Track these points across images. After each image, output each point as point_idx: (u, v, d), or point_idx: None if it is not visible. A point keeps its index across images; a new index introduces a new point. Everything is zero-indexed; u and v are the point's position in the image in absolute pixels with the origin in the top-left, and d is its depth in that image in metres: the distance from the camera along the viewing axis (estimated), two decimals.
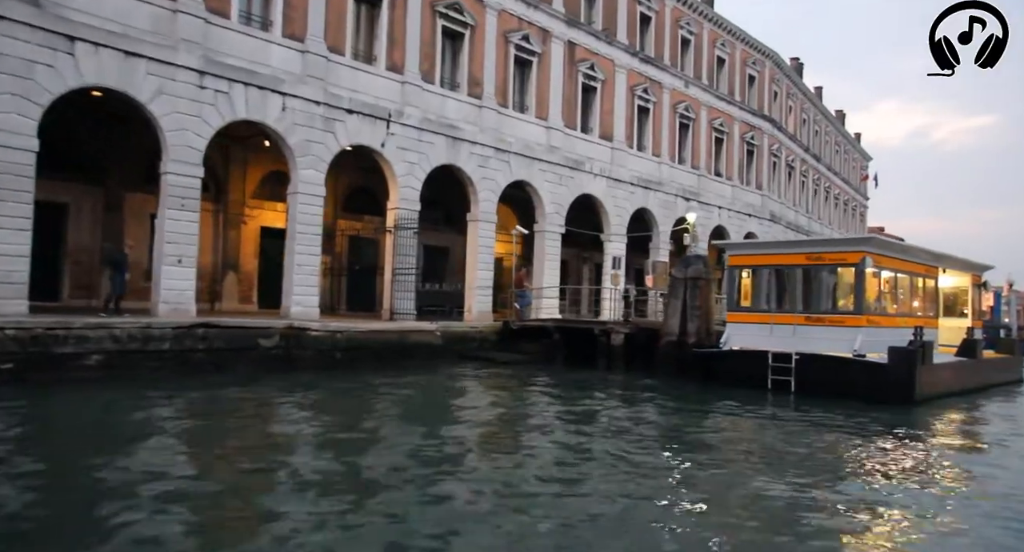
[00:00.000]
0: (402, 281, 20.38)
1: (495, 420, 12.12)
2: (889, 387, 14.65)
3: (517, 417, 12.38)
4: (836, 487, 8.05)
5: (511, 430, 11.23)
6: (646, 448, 9.91)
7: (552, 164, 25.39)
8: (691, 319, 18.26)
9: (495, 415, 12.62)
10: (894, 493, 7.94)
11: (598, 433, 10.93)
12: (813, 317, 16.19)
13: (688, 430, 11.57)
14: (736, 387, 16.37)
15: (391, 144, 20.22)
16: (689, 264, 18.52)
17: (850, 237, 17.39)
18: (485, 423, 11.65)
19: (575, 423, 11.65)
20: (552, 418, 12.23)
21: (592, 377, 18.87)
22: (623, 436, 10.54)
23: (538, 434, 10.67)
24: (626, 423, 11.84)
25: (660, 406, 14.15)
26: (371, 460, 8.50)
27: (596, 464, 8.77)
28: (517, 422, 11.93)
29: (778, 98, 40.75)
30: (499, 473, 8.07)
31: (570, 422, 11.76)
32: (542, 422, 11.85)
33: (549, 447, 9.66)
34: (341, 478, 7.66)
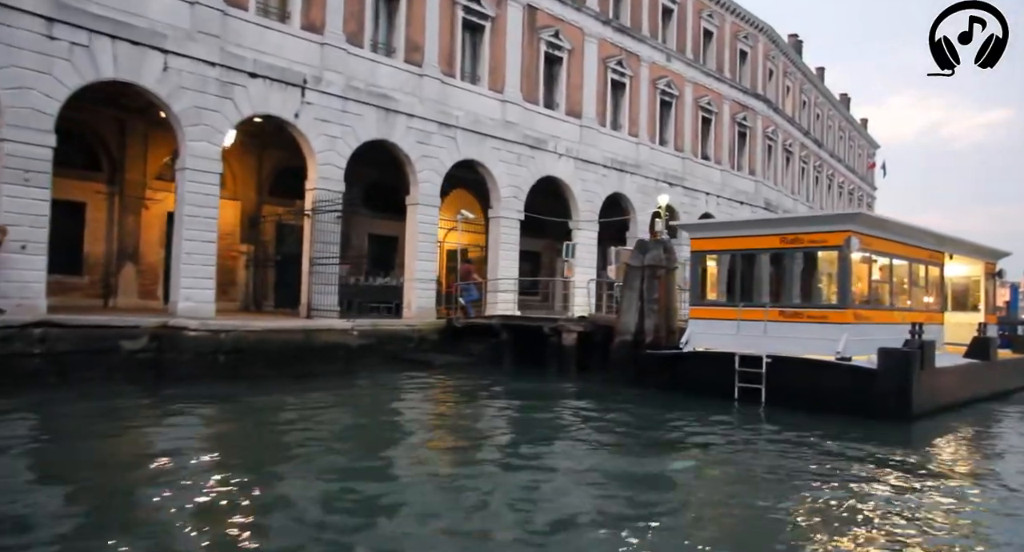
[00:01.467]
0: (322, 272, 17.68)
1: (365, 454, 9.40)
2: (880, 399, 11.86)
3: (399, 454, 9.66)
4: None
5: (379, 478, 8.49)
6: (549, 517, 7.06)
7: (508, 142, 22.62)
8: (648, 315, 15.47)
9: (371, 444, 9.90)
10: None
11: (488, 481, 8.18)
12: (788, 312, 13.38)
13: (616, 476, 8.40)
14: (698, 396, 13.69)
15: (307, 115, 17.51)
16: (647, 250, 15.72)
17: (832, 213, 14.52)
18: (346, 472, 8.87)
19: (458, 467, 8.91)
20: (428, 459, 9.50)
21: (538, 384, 16.15)
22: (517, 502, 7.48)
23: (396, 489, 7.96)
24: (526, 474, 8.77)
25: (597, 429, 11.35)
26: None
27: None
28: (389, 469, 9.19)
29: (774, 77, 37.76)
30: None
31: (453, 466, 9.02)
32: (410, 474, 9.12)
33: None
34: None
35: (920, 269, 15.70)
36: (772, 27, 36.24)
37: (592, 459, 8.87)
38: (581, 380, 16.77)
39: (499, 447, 9.62)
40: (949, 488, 8.02)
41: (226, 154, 20.35)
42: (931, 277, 16.17)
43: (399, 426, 11.15)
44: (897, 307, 14.54)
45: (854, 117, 54.91)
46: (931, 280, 16.23)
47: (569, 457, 8.94)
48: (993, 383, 15.68)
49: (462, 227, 20.77)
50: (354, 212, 18.01)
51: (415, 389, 14.75)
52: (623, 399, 13.85)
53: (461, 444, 9.85)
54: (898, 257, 14.52)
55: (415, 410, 12.69)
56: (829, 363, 12.47)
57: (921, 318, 14.95)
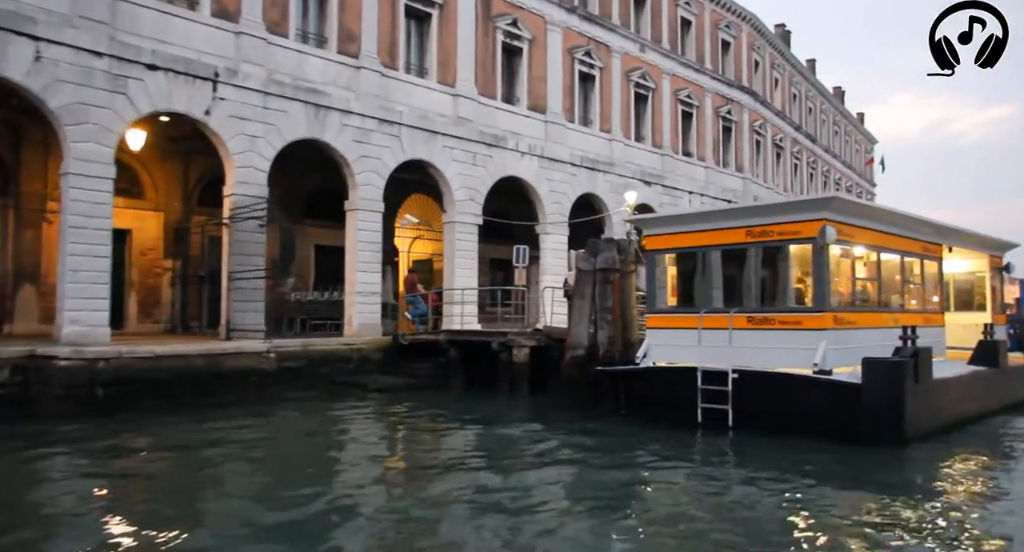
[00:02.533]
0: (243, 288, 15.74)
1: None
2: (866, 419, 9.80)
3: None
4: None
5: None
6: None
7: (462, 140, 20.69)
8: (601, 326, 13.46)
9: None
10: None
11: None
12: (757, 318, 11.33)
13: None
14: (658, 419, 11.72)
15: (220, 112, 15.62)
16: (599, 251, 13.73)
17: (802, 199, 12.47)
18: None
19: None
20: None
21: (484, 409, 14.15)
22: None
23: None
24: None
25: (530, 466, 9.35)
26: None
27: None
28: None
29: (760, 68, 35.82)
30: None
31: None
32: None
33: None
34: None
35: (914, 264, 13.64)
36: (756, 16, 34.36)
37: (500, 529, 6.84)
38: (534, 402, 14.79)
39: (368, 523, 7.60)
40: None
41: (144, 160, 18.63)
42: (928, 273, 14.10)
43: (278, 471, 9.15)
44: (887, 308, 12.48)
45: (850, 111, 52.88)
46: (928, 276, 14.16)
47: (456, 522, 6.92)
48: (1004, 393, 13.57)
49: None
50: (272, 220, 16.02)
51: (335, 421, 12.76)
52: (567, 427, 11.84)
53: (343, 501, 7.84)
54: (887, 250, 12.46)
55: (316, 450, 10.68)
56: (805, 377, 10.43)
57: (917, 320, 12.90)
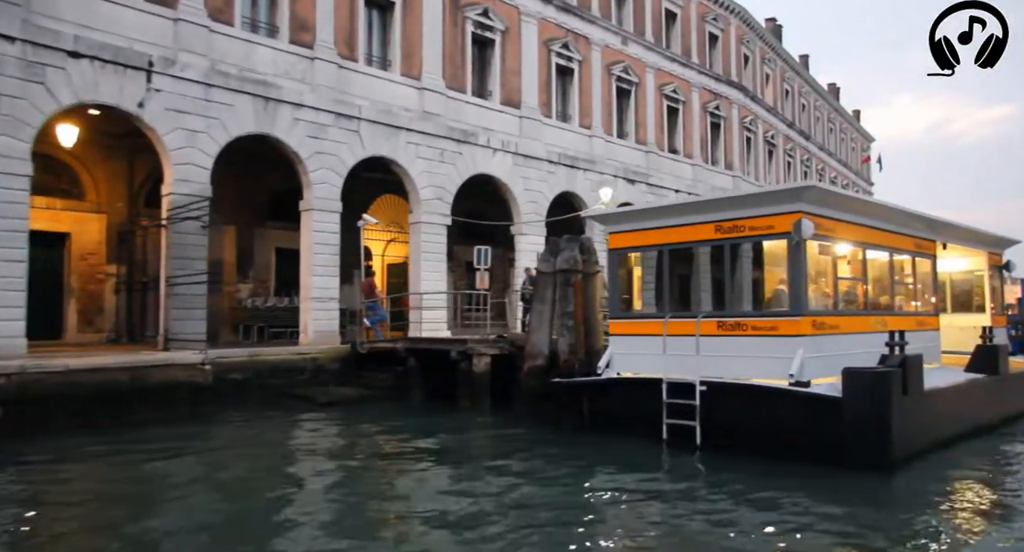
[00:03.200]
0: (182, 295, 14.58)
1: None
2: (847, 438, 8.61)
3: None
4: None
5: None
6: None
7: (428, 135, 19.54)
8: (561, 333, 12.28)
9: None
10: None
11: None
12: (728, 323, 10.14)
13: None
14: (622, 435, 10.56)
15: (156, 104, 14.49)
16: (559, 250, 12.56)
17: (776, 188, 11.25)
18: None
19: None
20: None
21: (441, 423, 13.00)
22: None
23: None
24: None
25: (472, 494, 8.16)
26: None
27: None
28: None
29: (750, 63, 34.68)
30: None
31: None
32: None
33: None
34: None
35: (905, 262, 12.45)
36: (745, 9, 33.25)
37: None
38: (495, 416, 13.62)
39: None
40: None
41: (83, 158, 17.48)
42: (920, 272, 12.91)
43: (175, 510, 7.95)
44: (875, 311, 11.29)
45: (845, 108, 51.71)
46: (921, 276, 12.97)
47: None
48: (1005, 403, 12.37)
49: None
50: (213, 223, 14.87)
51: (270, 442, 11.55)
52: (523, 446, 10.67)
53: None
54: (874, 247, 11.27)
55: (234, 480, 9.48)
56: (780, 390, 9.25)
57: (909, 324, 11.74)
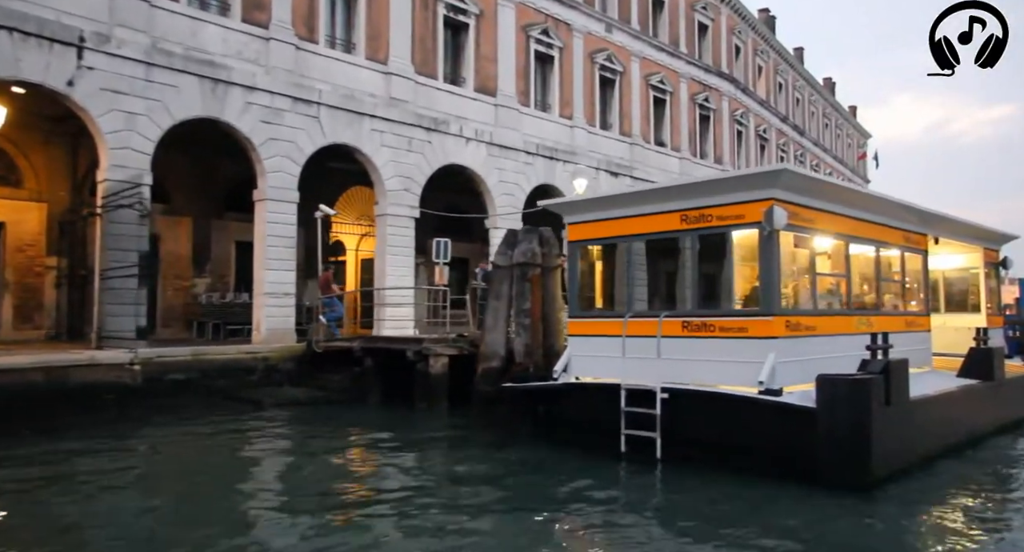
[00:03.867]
0: (118, 289, 13.55)
1: None
2: (820, 455, 7.60)
3: None
4: None
5: None
6: None
7: (395, 123, 18.50)
8: (517, 332, 11.26)
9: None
10: None
11: None
12: (693, 323, 9.11)
13: None
14: (579, 446, 9.58)
15: (88, 83, 13.44)
16: (517, 243, 11.53)
17: (747, 173, 10.12)
18: None
19: None
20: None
21: (393, 428, 12.02)
22: None
23: None
24: None
25: (400, 513, 7.13)
26: None
27: None
28: None
29: (742, 54, 33.65)
30: None
31: None
32: None
33: None
34: None
35: (893, 257, 11.43)
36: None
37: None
38: (452, 420, 12.62)
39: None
40: None
41: (20, 144, 16.37)
42: (910, 268, 11.90)
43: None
44: (859, 311, 10.27)
45: (841, 104, 50.69)
46: (910, 272, 11.96)
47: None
48: (1001, 411, 11.35)
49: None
50: (167, 213, 13.85)
51: (200, 449, 10.50)
52: (471, 457, 9.68)
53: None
54: (858, 240, 10.24)
55: (148, 494, 8.45)
56: (748, 399, 8.23)
57: (896, 325, 10.76)
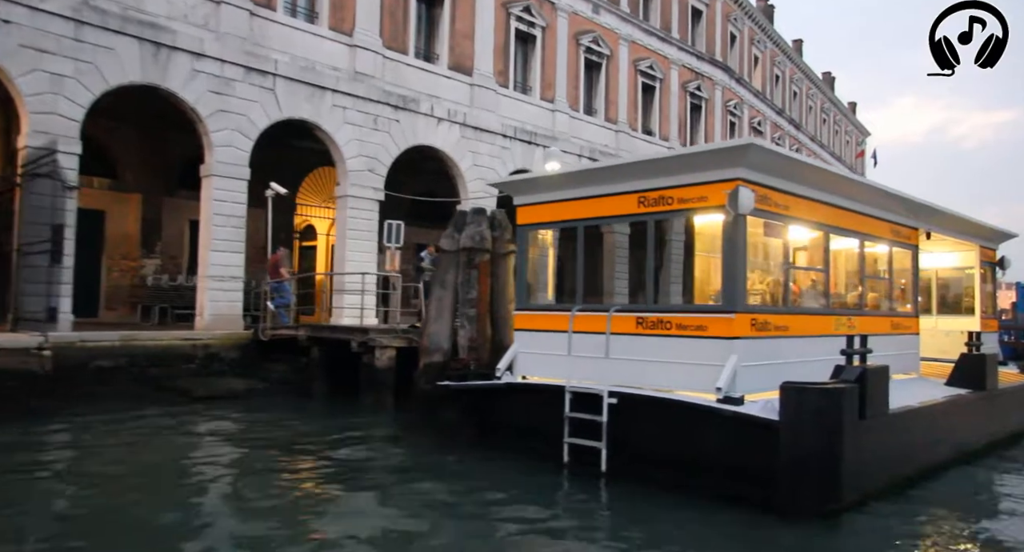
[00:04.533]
0: (34, 267, 12.45)
1: None
2: (782, 476, 6.53)
3: None
4: None
5: None
6: None
7: (359, 99, 17.36)
8: (462, 325, 10.17)
9: None
10: None
11: None
12: (649, 319, 8.03)
13: None
14: (521, 454, 8.54)
15: (5, 38, 12.27)
16: (464, 225, 10.43)
17: (710, 148, 8.92)
18: None
19: None
20: None
21: (328, 426, 10.99)
22: None
23: None
24: None
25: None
26: None
27: None
28: None
29: (737, 43, 32.48)
30: None
31: None
32: None
33: None
34: None
35: (879, 251, 10.36)
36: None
37: None
38: (397, 418, 11.60)
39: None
40: None
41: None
42: (898, 264, 10.83)
43: None
44: (838, 310, 9.20)
45: (840, 100, 49.53)
46: (899, 269, 10.89)
47: None
48: (993, 424, 10.29)
49: (269, 203, 15.45)
50: (115, 189, 12.71)
51: (104, 448, 9.44)
52: (398, 462, 8.64)
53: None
54: (840, 231, 9.15)
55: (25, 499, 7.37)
56: (702, 407, 7.16)
57: (880, 326, 9.75)
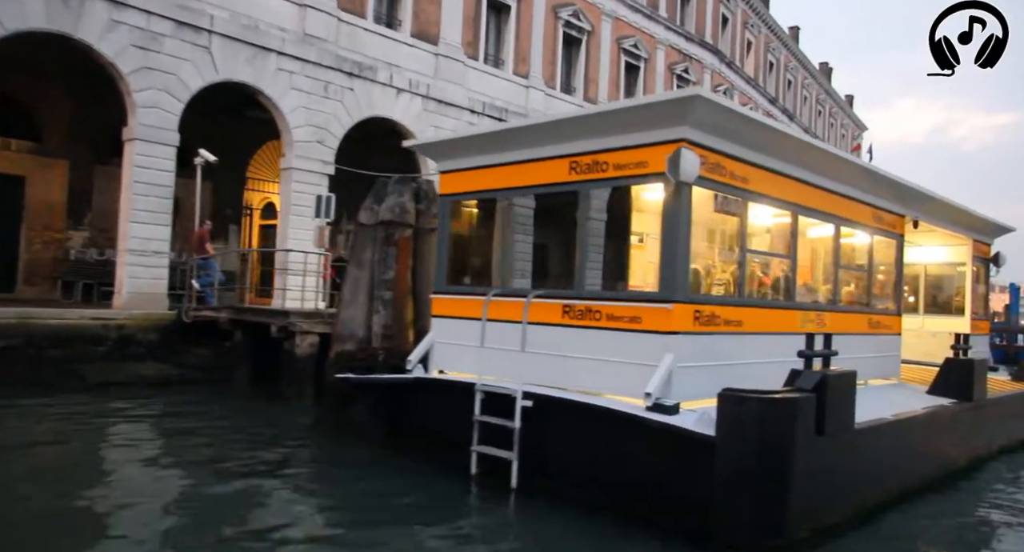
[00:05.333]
0: None
1: None
2: (718, 502, 5.28)
3: None
4: None
5: None
6: None
7: (308, 63, 15.98)
8: (376, 310, 8.89)
9: None
10: None
11: None
12: (577, 307, 6.75)
13: None
14: (430, 462, 7.35)
15: None
16: (384, 196, 9.12)
17: (648, 100, 7.53)
18: None
19: None
20: None
21: (228, 420, 9.76)
22: None
23: None
24: None
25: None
26: None
27: None
28: None
29: (729, 26, 31.11)
30: None
31: None
32: None
33: None
34: None
35: (859, 239, 9.09)
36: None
37: None
38: (310, 413, 10.34)
39: None
40: None
41: None
42: (880, 255, 9.56)
43: None
44: (806, 304, 7.93)
45: (837, 92, 48.20)
46: (880, 260, 9.63)
47: None
48: (978, 439, 9.05)
49: (199, 171, 14.15)
50: (39, 153, 11.40)
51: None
52: (295, 469, 7.39)
53: None
54: (811, 212, 7.87)
55: None
56: (627, 416, 5.90)
57: (856, 325, 8.54)
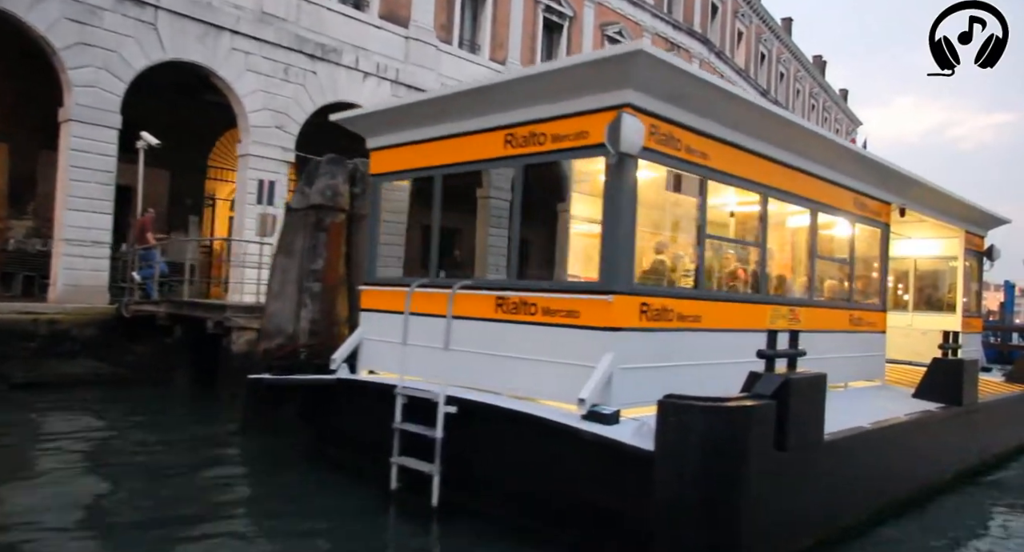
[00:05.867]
0: None
1: None
2: (657, 528, 4.45)
3: None
4: None
5: None
6: None
7: (265, 44, 15.13)
8: (304, 303, 8.06)
9: None
10: None
11: None
12: (510, 300, 5.91)
13: None
14: (352, 471, 6.57)
15: None
16: (315, 178, 8.28)
17: (585, 58, 6.67)
18: None
19: None
20: None
21: (144, 424, 8.93)
22: None
23: None
24: None
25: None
26: None
27: None
28: None
29: (719, 15, 30.26)
30: None
31: None
32: None
33: None
34: None
35: (839, 228, 8.27)
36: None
37: None
38: (245, 412, 9.49)
39: None
40: None
41: None
42: (863, 245, 8.73)
43: None
44: (775, 298, 7.10)
45: (831, 86, 47.39)
46: (863, 251, 8.80)
47: None
48: (967, 447, 8.23)
49: (141, 155, 13.31)
50: None
51: None
52: (204, 484, 6.57)
53: None
54: (783, 195, 7.04)
55: None
56: (559, 426, 5.07)
57: (834, 321, 7.76)
